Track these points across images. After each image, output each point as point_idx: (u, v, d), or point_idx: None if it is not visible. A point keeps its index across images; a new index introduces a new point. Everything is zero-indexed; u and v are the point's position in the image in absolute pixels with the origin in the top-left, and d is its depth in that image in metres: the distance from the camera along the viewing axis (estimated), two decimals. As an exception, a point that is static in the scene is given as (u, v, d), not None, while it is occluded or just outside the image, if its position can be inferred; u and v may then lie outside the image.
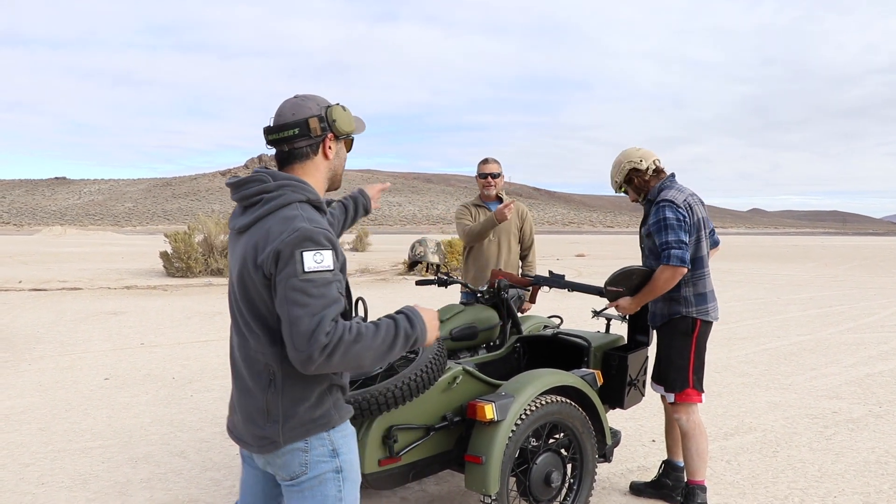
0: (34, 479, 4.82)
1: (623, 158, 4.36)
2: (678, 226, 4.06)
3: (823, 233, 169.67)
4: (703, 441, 4.22)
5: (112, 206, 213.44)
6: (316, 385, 2.30)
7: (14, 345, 9.67)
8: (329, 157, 2.43)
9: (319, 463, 2.30)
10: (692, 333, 4.21)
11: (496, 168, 5.93)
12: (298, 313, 2.10)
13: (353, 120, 2.47)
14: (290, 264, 2.13)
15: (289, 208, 2.26)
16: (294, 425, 2.27)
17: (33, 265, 24.29)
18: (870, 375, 7.93)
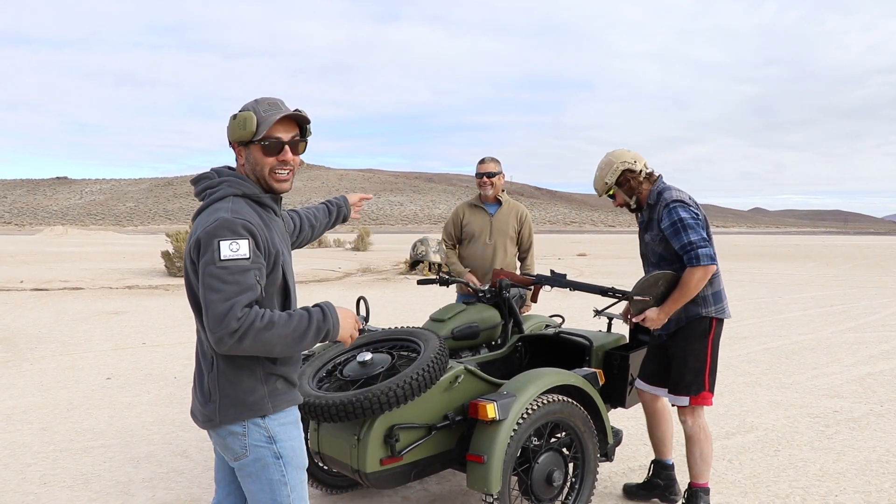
0: (36, 479, 4.82)
1: (615, 159, 4.18)
2: (696, 224, 3.98)
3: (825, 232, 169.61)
4: (708, 445, 4.18)
5: (114, 206, 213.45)
6: (249, 371, 2.43)
7: (16, 345, 9.68)
8: (240, 162, 2.57)
9: (257, 447, 2.44)
10: (709, 334, 4.14)
11: (494, 167, 5.85)
12: (212, 298, 2.26)
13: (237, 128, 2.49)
14: (209, 252, 2.30)
15: (223, 201, 2.44)
16: (227, 406, 2.42)
17: (35, 265, 24.31)
18: (871, 374, 7.93)
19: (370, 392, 3.32)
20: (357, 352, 3.90)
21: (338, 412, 3.33)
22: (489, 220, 5.84)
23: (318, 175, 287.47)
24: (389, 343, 3.98)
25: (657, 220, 4.12)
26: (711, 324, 4.15)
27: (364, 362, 3.64)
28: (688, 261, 3.96)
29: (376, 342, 4.02)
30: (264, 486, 2.47)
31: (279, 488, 2.47)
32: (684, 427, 4.19)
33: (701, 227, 4.00)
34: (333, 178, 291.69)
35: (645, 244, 4.31)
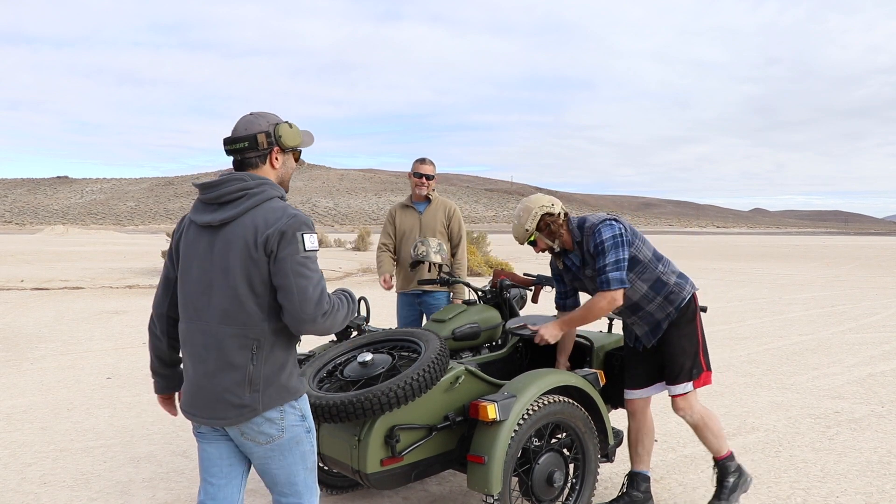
0: (36, 479, 4.82)
1: (532, 205, 4.04)
2: (613, 244, 3.89)
3: (825, 232, 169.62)
4: (715, 422, 4.20)
5: (114, 206, 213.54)
6: (287, 358, 2.68)
7: (16, 344, 9.68)
8: (275, 167, 2.78)
9: (293, 427, 2.69)
10: (695, 315, 4.15)
11: (431, 170, 6.03)
12: (304, 284, 2.54)
13: (297, 136, 2.79)
14: (293, 243, 2.55)
15: (272, 201, 2.66)
16: (272, 393, 2.62)
17: (35, 264, 24.32)
18: (872, 375, 7.92)
19: (371, 392, 3.32)
20: (357, 352, 3.89)
21: (338, 412, 3.33)
22: (418, 217, 6.00)
23: (318, 175, 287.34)
24: (390, 343, 3.97)
25: (590, 253, 4.02)
26: (693, 300, 4.15)
27: (364, 363, 3.64)
28: (599, 284, 3.93)
29: (377, 342, 4.01)
30: (296, 460, 2.73)
31: (309, 457, 2.78)
32: (686, 419, 4.19)
33: (621, 247, 3.90)
34: (334, 177, 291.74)
35: (590, 280, 4.14)
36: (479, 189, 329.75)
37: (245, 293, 2.58)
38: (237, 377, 2.60)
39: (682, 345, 4.11)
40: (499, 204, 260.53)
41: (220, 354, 2.61)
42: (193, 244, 2.69)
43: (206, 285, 2.64)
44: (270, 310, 2.60)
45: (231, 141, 2.73)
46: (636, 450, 4.38)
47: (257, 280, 2.58)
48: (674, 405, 4.18)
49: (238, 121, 2.76)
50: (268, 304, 2.60)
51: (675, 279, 4.10)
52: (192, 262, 2.69)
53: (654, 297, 4.09)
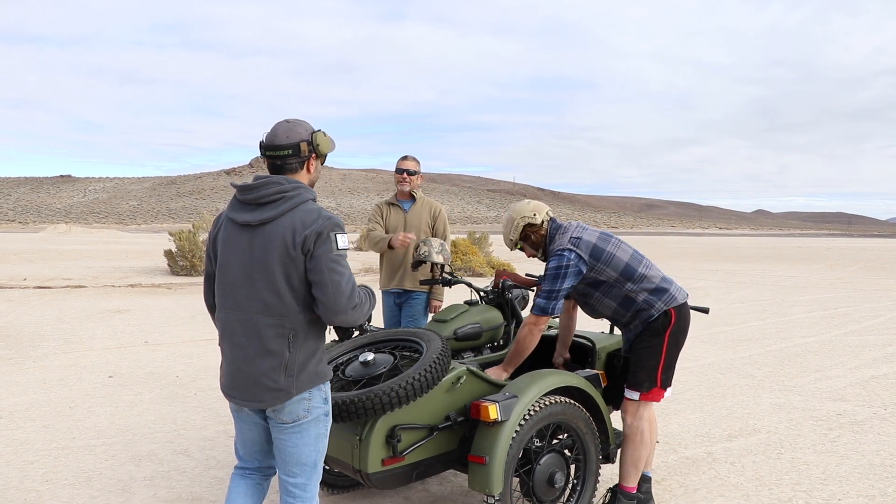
0: (38, 477, 4.82)
1: (515, 215, 4.17)
2: (553, 275, 3.94)
3: (828, 234, 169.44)
4: (643, 450, 4.11)
5: (117, 205, 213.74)
6: (318, 346, 2.97)
7: (18, 342, 9.69)
8: (311, 171, 3.05)
9: (317, 408, 2.97)
10: (665, 331, 4.07)
11: (414, 166, 5.92)
12: (338, 279, 2.82)
13: (331, 143, 3.08)
14: (328, 242, 2.82)
15: (308, 203, 2.91)
16: (304, 377, 2.90)
17: (38, 263, 24.33)
18: (874, 378, 7.91)
19: (372, 392, 3.32)
20: (359, 352, 3.89)
21: (340, 412, 3.33)
22: (403, 216, 5.92)
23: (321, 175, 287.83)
24: (392, 343, 3.97)
25: None
26: (669, 316, 4.09)
27: (366, 362, 3.64)
28: None
29: (379, 342, 4.01)
30: (311, 440, 2.98)
31: (321, 440, 3.03)
32: (623, 424, 4.16)
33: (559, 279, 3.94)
34: (336, 177, 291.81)
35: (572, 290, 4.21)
36: (482, 189, 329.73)
37: (284, 288, 2.84)
38: (274, 363, 2.87)
39: (641, 355, 4.11)
40: (501, 204, 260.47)
41: (259, 342, 2.88)
42: (232, 241, 2.94)
43: (246, 279, 2.89)
44: (305, 303, 2.88)
45: (275, 147, 2.94)
46: None
47: (295, 276, 2.84)
48: (622, 405, 4.19)
49: (275, 128, 2.98)
50: (303, 297, 2.87)
51: (644, 296, 4.07)
52: (232, 258, 2.94)
53: (625, 314, 4.14)
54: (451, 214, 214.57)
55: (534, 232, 4.15)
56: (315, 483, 3.07)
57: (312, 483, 3.06)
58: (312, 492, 3.07)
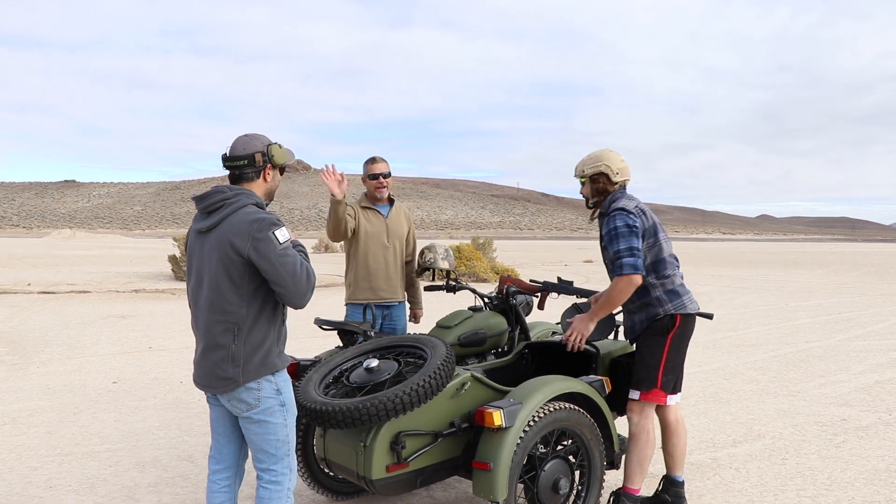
0: (42, 483, 4.83)
1: (602, 158, 4.23)
2: (626, 232, 3.99)
3: (832, 239, 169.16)
4: (649, 449, 4.13)
5: (121, 210, 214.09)
6: (267, 337, 3.15)
7: (22, 348, 9.70)
8: (267, 180, 3.32)
9: (268, 398, 3.15)
10: (668, 332, 4.11)
11: (388, 168, 5.40)
12: (292, 269, 3.03)
13: (286, 154, 3.34)
14: (269, 242, 3.02)
15: (246, 208, 3.12)
16: (250, 368, 3.11)
17: (42, 268, 24.37)
18: (879, 383, 7.89)
19: (376, 399, 3.32)
20: (364, 358, 3.90)
21: (344, 418, 3.34)
22: (384, 221, 5.40)
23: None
24: (396, 350, 3.97)
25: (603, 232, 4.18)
26: (674, 320, 4.12)
27: (371, 369, 3.64)
28: (615, 269, 4.01)
29: (383, 349, 4.02)
30: (269, 429, 3.17)
31: (280, 430, 3.19)
32: (629, 424, 4.18)
33: (634, 237, 3.99)
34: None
35: (603, 249, 4.30)
36: (486, 195, 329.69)
37: (226, 286, 3.08)
38: (223, 354, 3.11)
39: (643, 354, 4.16)
40: (505, 210, 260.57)
41: (210, 337, 3.14)
42: (193, 247, 3.25)
43: (198, 281, 3.19)
44: (249, 298, 3.10)
45: (232, 159, 3.24)
46: (664, 453, 4.45)
47: (235, 275, 3.06)
48: (628, 405, 4.22)
49: (235, 141, 3.27)
50: (246, 293, 3.09)
51: (658, 293, 4.13)
52: (192, 262, 3.24)
53: (635, 299, 4.17)
54: (455, 220, 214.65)
55: (605, 182, 4.22)
56: (284, 473, 3.24)
57: (280, 470, 3.23)
58: (282, 481, 3.23)
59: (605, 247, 4.16)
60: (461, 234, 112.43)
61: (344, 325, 4.53)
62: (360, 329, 4.47)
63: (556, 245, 67.20)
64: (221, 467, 3.39)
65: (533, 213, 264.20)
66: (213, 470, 3.39)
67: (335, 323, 4.57)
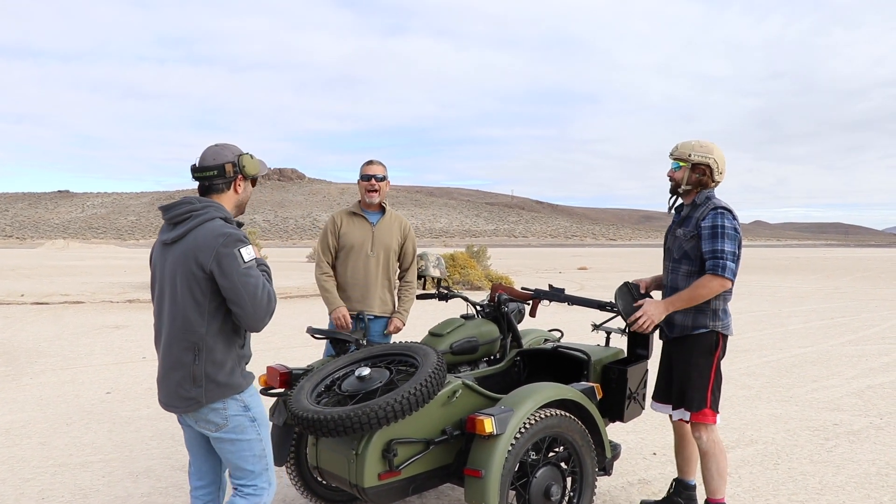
0: (35, 494, 4.82)
1: (713, 152, 4.13)
2: (734, 237, 3.99)
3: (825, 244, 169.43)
4: (724, 460, 4.14)
5: (115, 220, 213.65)
6: (228, 357, 3.06)
7: (16, 358, 9.69)
8: (238, 192, 3.22)
9: (236, 416, 3.08)
10: (715, 351, 4.11)
11: (382, 171, 5.24)
12: (253, 291, 2.93)
13: (257, 165, 3.23)
14: (233, 259, 2.92)
15: (213, 222, 3.01)
16: (213, 388, 3.02)
17: (36, 278, 24.33)
18: (871, 387, 7.92)
19: (368, 407, 3.33)
20: (355, 367, 3.91)
21: (336, 427, 3.34)
22: (371, 229, 5.24)
23: (319, 189, 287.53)
24: (388, 358, 3.98)
25: (698, 218, 4.10)
26: (719, 340, 4.13)
27: (362, 377, 3.65)
28: (712, 267, 3.95)
29: (374, 357, 4.03)
30: (244, 445, 3.11)
31: (255, 445, 3.15)
32: (699, 443, 4.16)
33: (736, 242, 4.00)
34: (335, 191, 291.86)
35: (674, 238, 4.28)
36: (480, 203, 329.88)
37: (188, 302, 2.99)
38: (184, 374, 3.03)
39: (691, 373, 4.12)
40: (499, 218, 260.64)
41: (171, 353, 3.06)
42: (158, 258, 3.18)
43: (161, 294, 3.12)
44: (210, 316, 3.00)
45: (201, 169, 3.14)
46: (678, 458, 4.50)
47: (198, 291, 2.97)
48: (692, 426, 4.18)
49: (204, 151, 3.16)
50: (207, 311, 2.99)
51: (718, 306, 4.11)
52: (156, 274, 3.18)
53: None
54: (450, 228, 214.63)
55: (706, 174, 4.15)
56: (264, 487, 3.22)
57: (260, 485, 3.20)
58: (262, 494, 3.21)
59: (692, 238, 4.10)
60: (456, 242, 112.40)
61: (336, 334, 4.54)
62: (351, 338, 4.49)
63: (551, 252, 67.28)
64: (203, 483, 3.36)
65: (527, 220, 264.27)
66: (194, 486, 3.37)
67: (327, 332, 4.58)
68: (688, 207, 4.25)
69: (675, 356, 4.22)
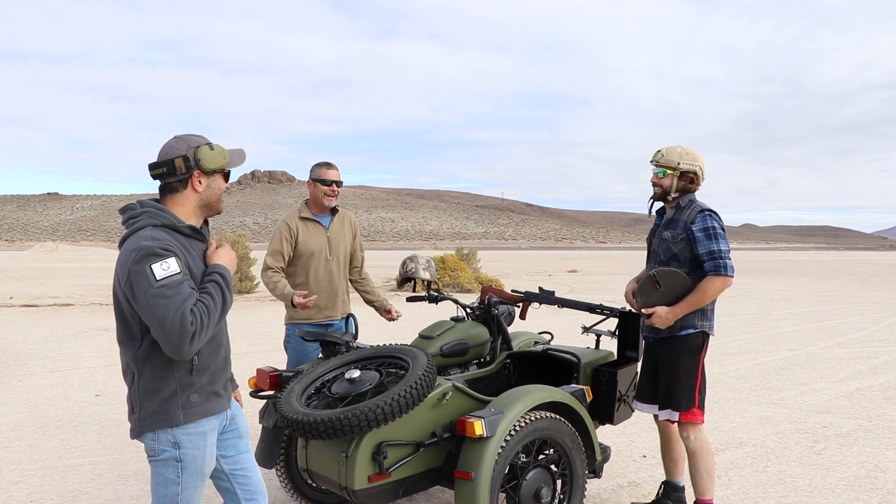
0: (23, 497, 4.80)
1: (699, 159, 4.22)
2: (725, 237, 4.07)
3: (815, 247, 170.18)
4: (711, 460, 4.17)
5: (104, 222, 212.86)
6: (165, 386, 2.67)
7: (5, 361, 9.65)
8: (198, 190, 2.78)
9: (164, 451, 2.70)
10: (701, 351, 4.15)
11: (339, 175, 5.14)
12: (163, 314, 2.49)
13: (219, 157, 2.79)
14: (144, 277, 2.52)
15: (142, 230, 2.63)
16: (144, 416, 2.69)
17: (25, 281, 24.22)
18: (860, 390, 7.96)
19: (358, 409, 3.33)
20: (345, 369, 3.91)
21: (326, 429, 3.34)
22: (325, 233, 5.15)
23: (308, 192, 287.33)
24: (378, 360, 3.98)
25: (685, 221, 4.14)
26: (705, 340, 4.17)
27: (352, 379, 3.65)
28: (713, 268, 4.00)
29: (364, 359, 4.03)
30: (160, 481, 2.74)
31: (170, 486, 2.73)
32: (686, 443, 4.18)
33: (726, 241, 4.08)
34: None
35: (661, 240, 4.30)
36: (470, 205, 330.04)
37: (119, 323, 2.70)
38: (128, 397, 2.77)
39: (678, 373, 4.14)
40: (489, 220, 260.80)
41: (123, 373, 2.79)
42: None
43: None
44: (141, 337, 2.65)
45: (151, 167, 2.76)
46: (665, 460, 4.51)
47: (126, 310, 2.65)
48: (679, 426, 4.21)
49: (163, 145, 2.78)
50: (137, 331, 2.65)
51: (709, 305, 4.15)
52: None
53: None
54: (440, 230, 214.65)
55: (691, 180, 4.23)
56: None
57: None
58: None
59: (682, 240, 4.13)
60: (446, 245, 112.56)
61: (326, 336, 4.54)
62: (341, 340, 4.48)
63: (541, 255, 67.33)
64: None
65: (517, 223, 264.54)
66: None
67: (317, 334, 4.58)
68: (672, 210, 4.29)
69: (662, 356, 4.24)
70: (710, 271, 4.01)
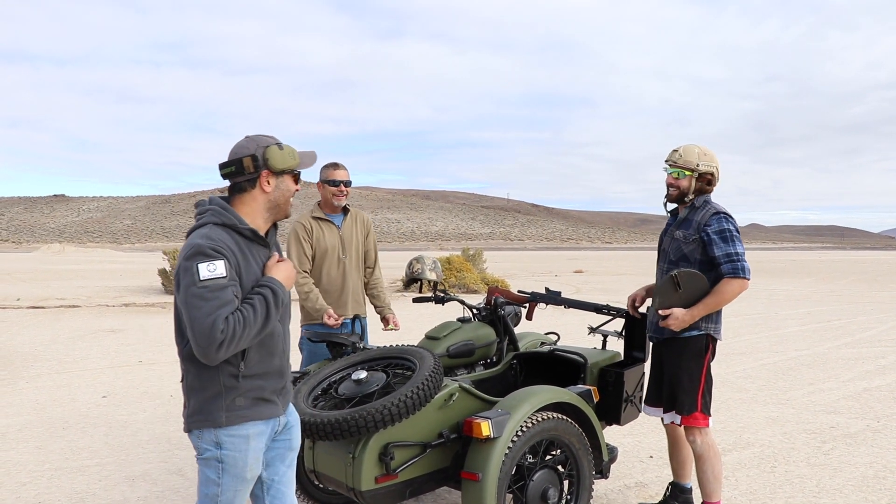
0: (31, 498, 4.81)
1: (715, 160, 4.19)
2: (740, 238, 4.05)
3: (821, 247, 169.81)
4: (718, 462, 4.16)
5: (111, 224, 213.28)
6: (211, 385, 2.66)
7: (12, 363, 9.67)
8: (266, 190, 2.75)
9: (207, 450, 2.71)
10: (705, 354, 4.12)
11: (348, 175, 5.18)
12: (196, 315, 2.49)
13: (288, 157, 2.76)
14: (189, 275, 2.52)
15: (203, 228, 2.66)
16: (190, 413, 2.72)
17: (31, 283, 24.29)
18: (867, 390, 7.93)
19: (365, 410, 3.33)
20: (352, 370, 3.91)
21: (333, 430, 3.34)
22: (338, 232, 5.19)
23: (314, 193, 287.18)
24: (384, 361, 3.98)
25: (698, 222, 4.10)
26: (709, 343, 4.14)
27: (359, 380, 3.65)
28: (730, 270, 3.98)
29: (371, 360, 4.03)
30: (203, 480, 2.74)
31: (211, 486, 2.72)
32: (693, 446, 4.16)
33: (741, 244, 4.05)
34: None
35: (672, 240, 4.27)
36: (476, 206, 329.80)
37: (177, 316, 2.70)
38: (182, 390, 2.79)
39: (681, 376, 4.12)
40: (495, 221, 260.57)
41: None
42: None
43: None
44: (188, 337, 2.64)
45: (221, 166, 2.75)
46: (672, 462, 4.50)
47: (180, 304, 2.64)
48: (686, 429, 4.20)
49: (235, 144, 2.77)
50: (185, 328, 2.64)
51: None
52: None
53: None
54: (446, 231, 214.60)
55: (708, 181, 4.20)
56: None
57: None
58: None
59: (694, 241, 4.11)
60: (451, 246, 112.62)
61: (333, 338, 4.54)
62: (348, 341, 4.49)
63: (547, 256, 67.26)
64: None
65: (523, 223, 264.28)
66: None
67: (324, 334, 4.59)
68: (685, 210, 4.26)
69: (666, 358, 4.22)
70: (728, 274, 3.99)
